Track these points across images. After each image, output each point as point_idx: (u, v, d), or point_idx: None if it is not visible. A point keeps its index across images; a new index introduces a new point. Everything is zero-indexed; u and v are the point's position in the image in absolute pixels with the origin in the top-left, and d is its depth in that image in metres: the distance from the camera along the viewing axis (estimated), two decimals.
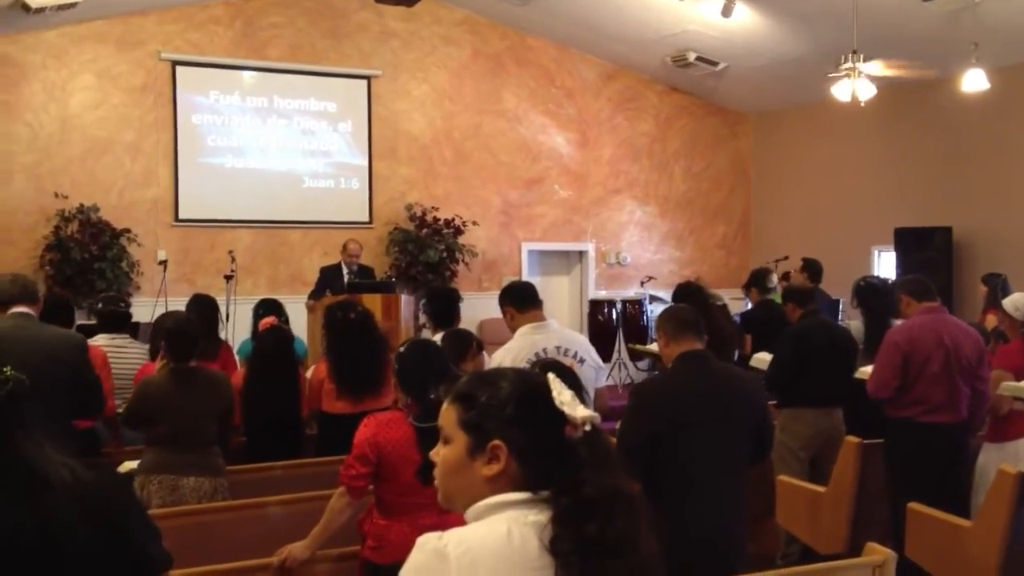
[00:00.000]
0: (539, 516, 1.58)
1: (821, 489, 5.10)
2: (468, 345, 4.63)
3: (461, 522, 1.66)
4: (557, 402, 1.63)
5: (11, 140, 10.02)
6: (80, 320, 7.41)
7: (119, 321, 5.93)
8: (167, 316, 5.61)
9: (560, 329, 4.61)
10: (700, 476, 3.54)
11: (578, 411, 1.62)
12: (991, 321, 6.66)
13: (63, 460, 1.59)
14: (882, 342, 5.14)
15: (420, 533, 3.39)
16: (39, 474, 1.52)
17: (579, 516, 1.55)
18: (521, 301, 4.55)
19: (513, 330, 4.53)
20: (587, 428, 1.62)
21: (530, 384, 1.69)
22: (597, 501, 1.56)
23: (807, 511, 5.13)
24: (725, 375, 3.80)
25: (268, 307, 6.13)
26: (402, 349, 3.52)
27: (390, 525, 3.31)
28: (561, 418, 1.63)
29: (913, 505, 4.49)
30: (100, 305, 6.13)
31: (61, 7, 9.09)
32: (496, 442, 1.64)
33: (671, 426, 3.55)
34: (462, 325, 5.68)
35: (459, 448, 1.69)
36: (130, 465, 4.67)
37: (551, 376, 1.67)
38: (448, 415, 1.73)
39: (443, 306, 5.75)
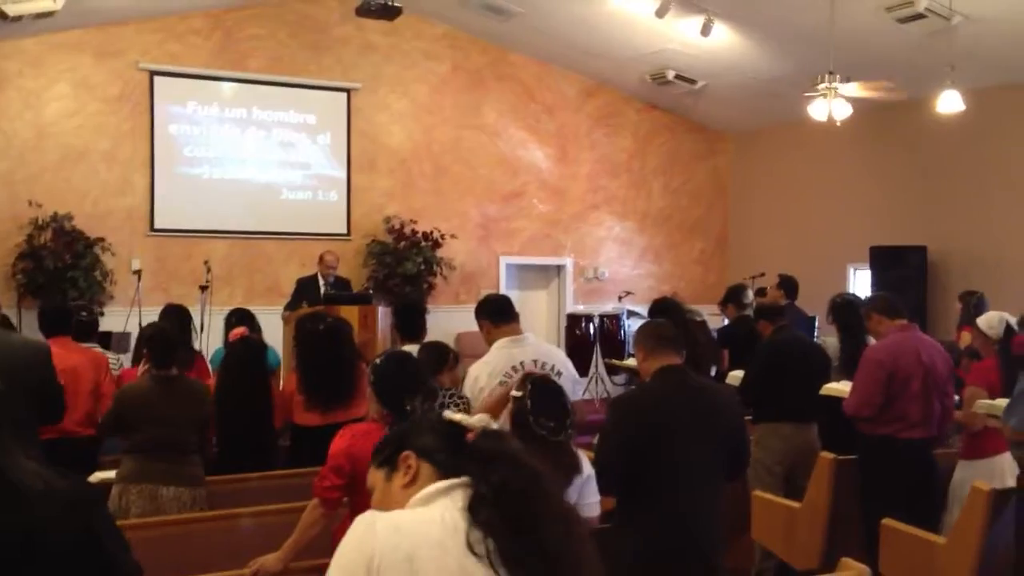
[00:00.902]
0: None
1: (796, 505, 5.11)
2: (445, 358, 4.62)
3: None
4: (447, 418, 1.92)
5: None
6: None
7: (85, 330, 5.85)
8: (150, 325, 5.56)
9: (537, 343, 4.60)
10: (676, 489, 3.53)
11: (469, 420, 1.89)
12: (965, 339, 6.71)
13: (36, 469, 1.57)
14: (862, 360, 5.15)
15: None
16: (12, 482, 1.50)
17: (484, 470, 1.72)
18: (496, 315, 4.54)
19: (489, 343, 4.52)
20: (481, 426, 1.87)
21: (424, 416, 2.09)
22: (497, 457, 1.75)
23: (782, 527, 5.13)
24: (702, 390, 3.79)
25: (240, 317, 6.10)
26: (379, 360, 3.50)
27: None
28: (459, 427, 1.89)
29: (887, 521, 4.51)
30: None
31: (39, 15, 9.03)
32: (404, 453, 1.90)
33: (647, 439, 3.54)
34: (440, 338, 5.66)
35: (379, 483, 1.96)
36: (103, 475, 4.61)
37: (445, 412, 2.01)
38: (369, 474, 2.03)
39: (409, 318, 5.72)
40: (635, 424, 3.61)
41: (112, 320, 9.51)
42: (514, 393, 3.53)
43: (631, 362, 9.08)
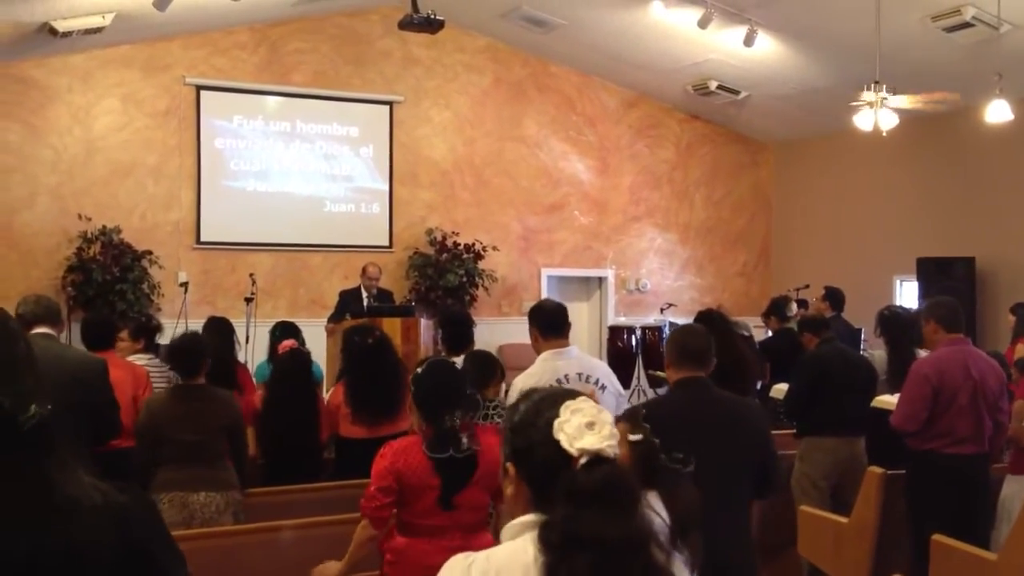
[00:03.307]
0: None
1: (843, 520, 5.03)
2: (493, 371, 4.58)
3: (486, 544, 1.71)
4: (555, 431, 1.61)
5: (36, 162, 10.12)
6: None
7: (150, 334, 5.95)
8: (180, 336, 5.62)
9: (581, 355, 4.57)
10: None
11: (576, 443, 1.59)
12: (1020, 351, 6.58)
13: (94, 483, 1.58)
14: (909, 374, 5.07)
15: (442, 553, 3.31)
16: (70, 498, 1.51)
17: (557, 554, 1.54)
18: (546, 328, 4.50)
19: (537, 351, 4.50)
20: (583, 461, 1.59)
21: (536, 411, 1.70)
22: (569, 543, 1.53)
23: (830, 542, 5.06)
24: (722, 403, 3.64)
25: (285, 330, 6.13)
26: (420, 370, 3.41)
27: (411, 543, 3.26)
28: (563, 453, 1.61)
29: (937, 537, 4.42)
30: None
31: (88, 31, 9.19)
32: (507, 464, 1.71)
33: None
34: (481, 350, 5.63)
35: (507, 477, 1.75)
36: None
37: (567, 404, 1.65)
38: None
39: (457, 331, 5.70)
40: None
41: None
42: (632, 438, 3.07)
43: None
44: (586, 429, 1.60)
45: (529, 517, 1.64)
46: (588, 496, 1.55)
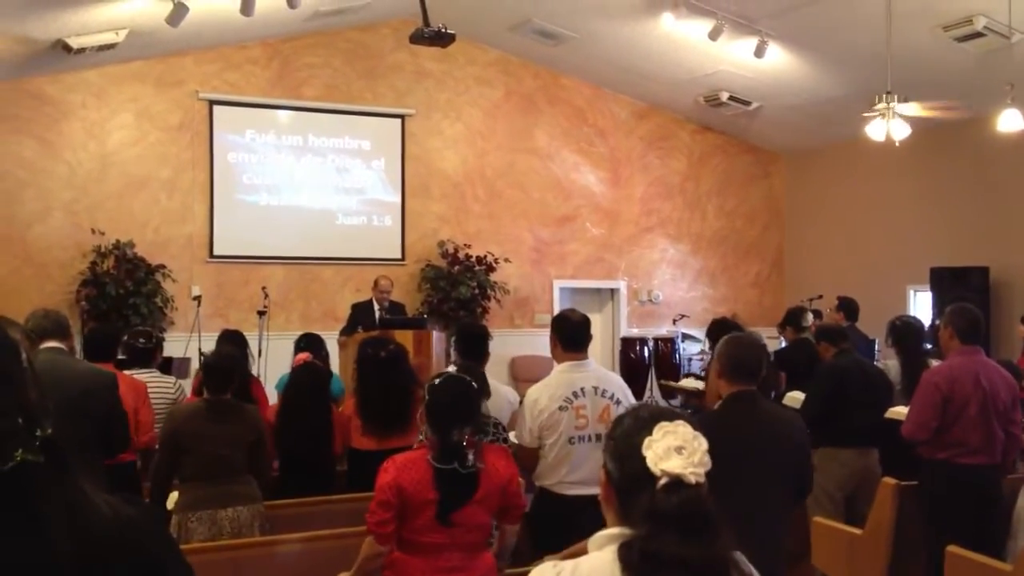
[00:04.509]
0: None
1: (858, 531, 5.01)
2: (486, 388, 4.53)
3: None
4: (644, 448, 1.64)
5: (51, 177, 10.19)
6: None
7: (142, 357, 5.91)
8: (213, 353, 5.61)
9: (598, 368, 4.56)
10: (739, 521, 3.44)
11: (661, 464, 1.61)
12: None
13: (103, 497, 1.58)
14: (920, 382, 5.05)
15: (438, 573, 3.29)
16: (79, 512, 1.51)
17: (637, 574, 1.57)
18: (568, 342, 4.49)
19: (556, 360, 4.51)
20: (664, 482, 1.61)
21: (636, 427, 1.72)
22: (647, 563, 1.56)
23: (844, 553, 5.04)
24: (771, 419, 3.68)
25: (310, 342, 6.14)
26: (436, 382, 3.40)
27: (407, 559, 3.25)
28: (648, 472, 1.63)
29: (952, 548, 4.40)
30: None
31: (101, 48, 9.26)
32: (602, 471, 1.76)
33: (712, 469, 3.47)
34: (495, 362, 5.62)
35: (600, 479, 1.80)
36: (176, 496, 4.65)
37: (662, 425, 1.67)
38: None
39: (473, 343, 5.68)
40: None
41: (172, 346, 9.65)
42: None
43: (686, 383, 9.01)
44: (674, 452, 1.63)
45: (614, 530, 1.67)
46: (666, 518, 1.58)
